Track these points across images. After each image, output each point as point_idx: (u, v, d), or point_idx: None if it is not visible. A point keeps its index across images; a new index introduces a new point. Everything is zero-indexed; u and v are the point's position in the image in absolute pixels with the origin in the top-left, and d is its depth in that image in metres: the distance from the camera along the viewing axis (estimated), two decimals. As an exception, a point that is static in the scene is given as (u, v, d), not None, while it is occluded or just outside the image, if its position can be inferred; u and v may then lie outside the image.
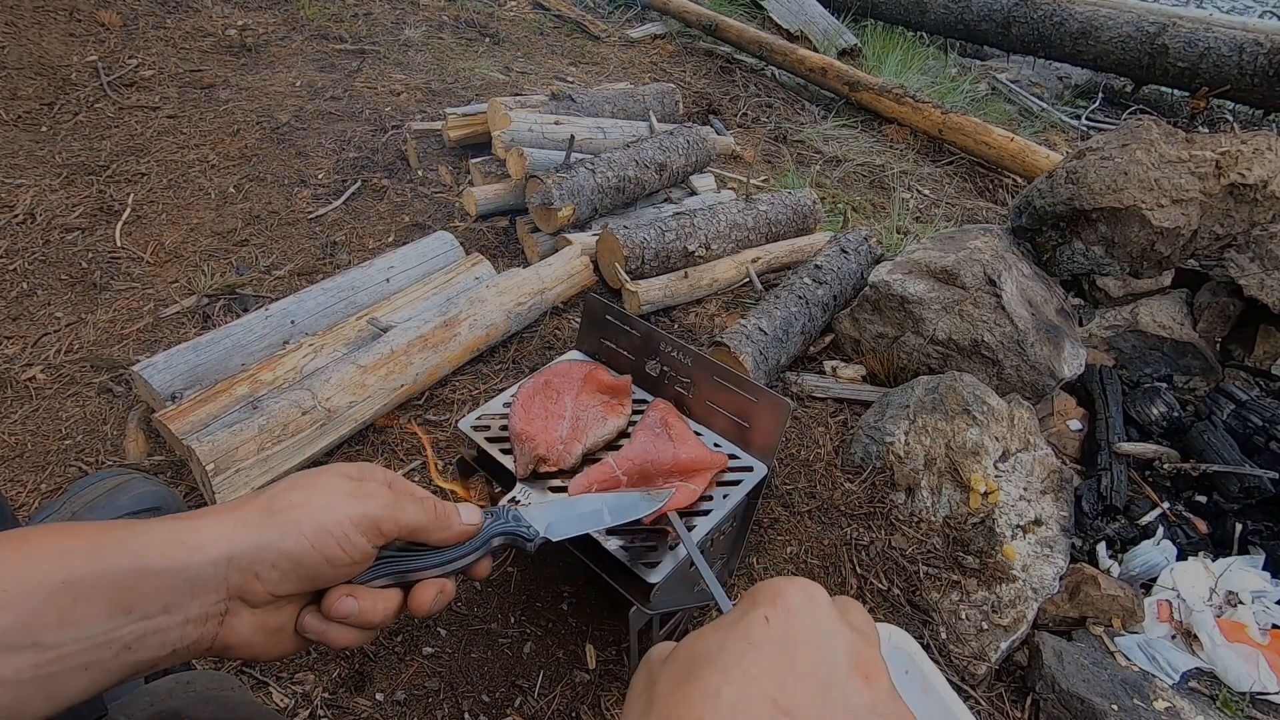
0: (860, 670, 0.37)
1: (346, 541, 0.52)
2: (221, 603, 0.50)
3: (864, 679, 0.37)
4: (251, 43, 3.02)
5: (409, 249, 1.91)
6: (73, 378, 1.64)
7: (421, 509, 0.58)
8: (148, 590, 0.46)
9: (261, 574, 0.50)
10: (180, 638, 0.48)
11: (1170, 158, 1.72)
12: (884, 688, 0.37)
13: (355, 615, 0.55)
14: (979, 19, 4.36)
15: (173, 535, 0.48)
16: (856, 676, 0.37)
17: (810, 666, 0.36)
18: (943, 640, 1.28)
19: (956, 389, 1.51)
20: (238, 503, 0.53)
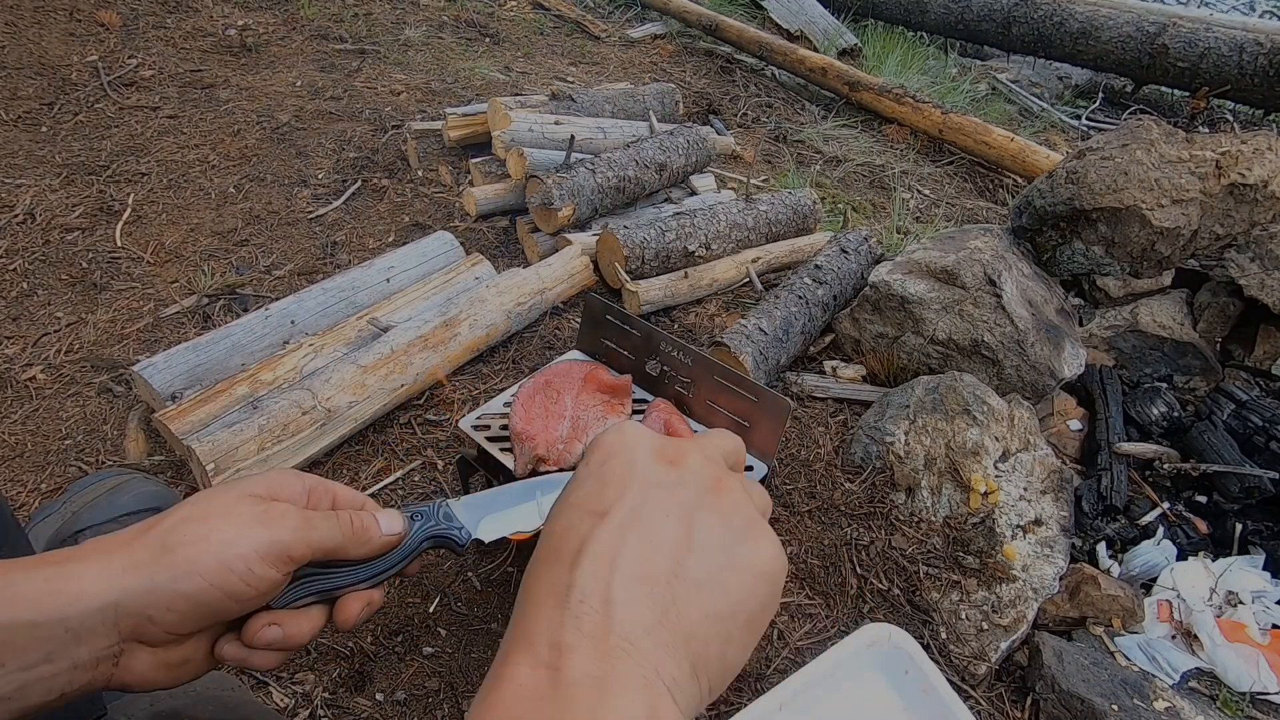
0: (664, 458, 0.43)
1: (251, 576, 0.49)
2: (113, 646, 0.47)
3: (668, 463, 0.42)
4: (251, 43, 3.02)
5: (409, 249, 1.91)
6: (73, 378, 1.64)
7: (336, 526, 0.55)
8: (24, 642, 0.43)
9: (156, 617, 0.47)
10: (68, 682, 0.46)
11: (1170, 158, 1.72)
12: (690, 465, 0.42)
13: (280, 641, 0.53)
14: (979, 19, 4.36)
15: (49, 585, 0.45)
16: (660, 463, 0.42)
17: (617, 473, 0.42)
18: (943, 640, 1.28)
19: (956, 389, 1.51)
20: (127, 538, 0.50)
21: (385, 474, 1.49)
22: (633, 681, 0.34)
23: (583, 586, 0.36)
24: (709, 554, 0.40)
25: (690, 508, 0.41)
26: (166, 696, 0.89)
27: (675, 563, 0.38)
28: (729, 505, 0.42)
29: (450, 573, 1.34)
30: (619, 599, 0.36)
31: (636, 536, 0.39)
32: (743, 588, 0.40)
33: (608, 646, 0.34)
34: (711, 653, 0.38)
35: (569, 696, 0.33)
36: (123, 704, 0.89)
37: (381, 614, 1.27)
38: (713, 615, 0.38)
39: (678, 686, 0.36)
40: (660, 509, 0.40)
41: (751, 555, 0.41)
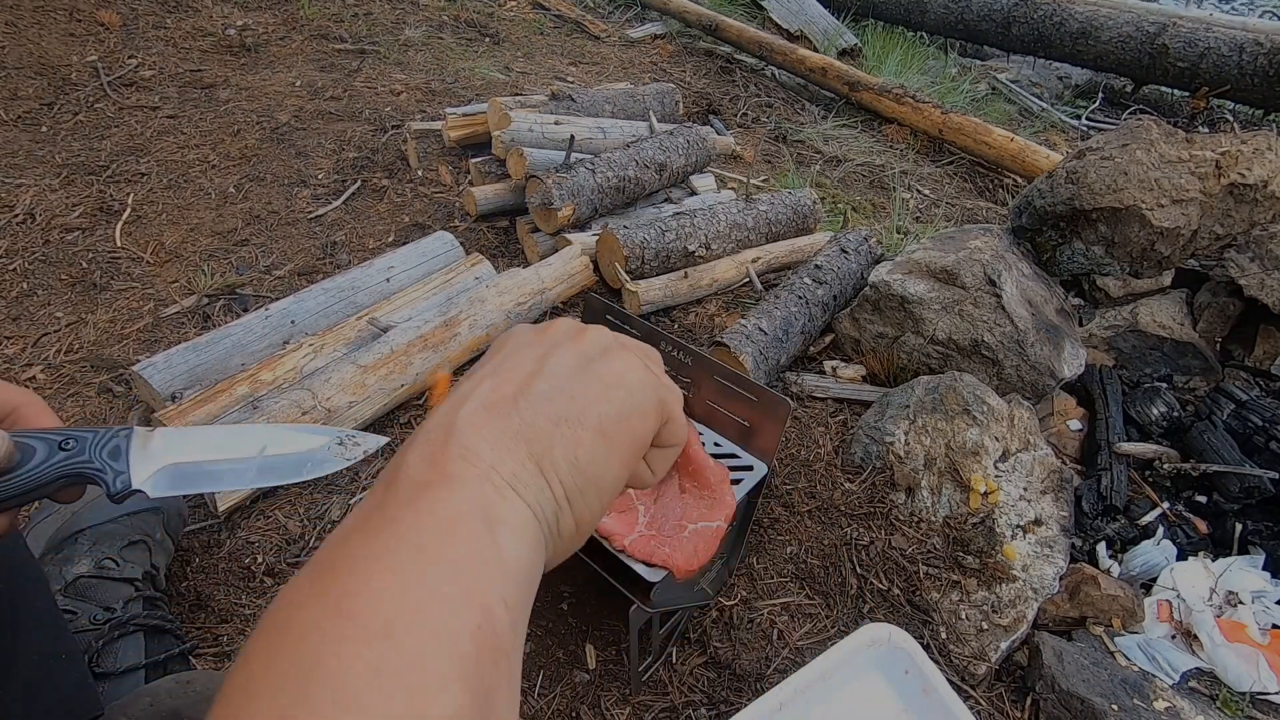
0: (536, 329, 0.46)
1: None
2: None
3: (538, 331, 0.46)
4: (251, 43, 3.02)
5: (409, 249, 1.91)
6: (73, 378, 1.64)
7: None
8: None
9: None
10: None
11: (1170, 158, 1.72)
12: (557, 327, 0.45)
13: None
14: (979, 19, 4.36)
15: None
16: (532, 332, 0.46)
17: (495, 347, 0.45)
18: (943, 640, 1.28)
19: (956, 389, 1.51)
20: None
21: (385, 474, 1.49)
22: (463, 479, 0.35)
23: (431, 423, 0.39)
24: (558, 374, 0.41)
25: (548, 348, 0.43)
26: (166, 696, 0.89)
27: (522, 385, 0.40)
28: (588, 340, 0.44)
29: (450, 573, 1.34)
30: (461, 420, 0.38)
31: (491, 379, 0.41)
32: (589, 393, 0.41)
33: (443, 457, 0.36)
34: (558, 454, 0.39)
35: (391, 499, 0.34)
36: (122, 704, 0.90)
37: (381, 614, 1.27)
38: (556, 418, 0.40)
39: (520, 482, 0.37)
40: (518, 356, 0.43)
41: (603, 368, 0.43)
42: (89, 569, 1.11)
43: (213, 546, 1.34)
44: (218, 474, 0.59)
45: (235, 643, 1.20)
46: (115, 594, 1.10)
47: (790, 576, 1.36)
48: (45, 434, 0.54)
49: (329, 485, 1.46)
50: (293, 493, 1.44)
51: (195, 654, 1.17)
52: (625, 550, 0.98)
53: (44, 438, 0.53)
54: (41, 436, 0.53)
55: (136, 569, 1.14)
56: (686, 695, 1.20)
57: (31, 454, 0.52)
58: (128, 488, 0.55)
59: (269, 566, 1.32)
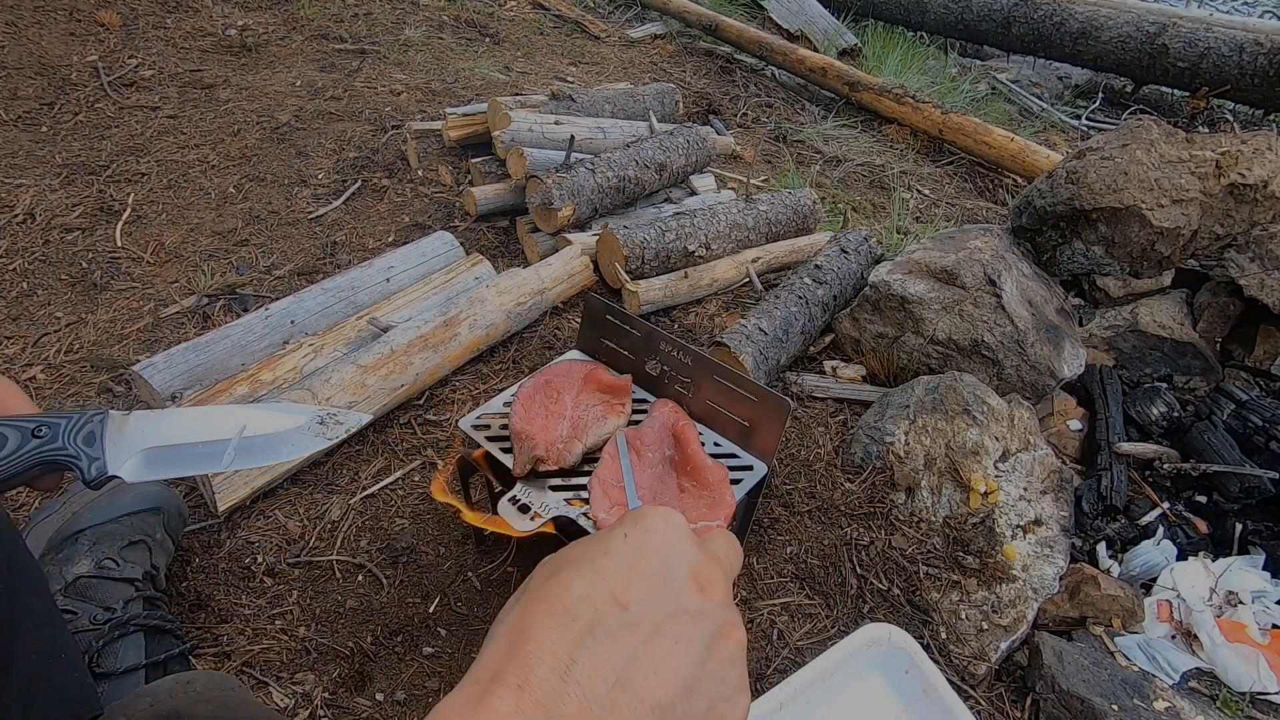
0: (696, 581, 0.43)
1: None
2: None
3: (699, 589, 0.42)
4: (251, 43, 3.02)
5: (409, 249, 1.91)
6: (73, 378, 1.64)
7: None
8: None
9: None
10: None
11: (1170, 158, 1.72)
12: (715, 599, 0.43)
13: None
14: (979, 19, 4.36)
15: None
16: (692, 585, 0.42)
17: (651, 572, 0.41)
18: (943, 640, 1.28)
19: (956, 389, 1.51)
20: None
21: (385, 474, 1.49)
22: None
23: (584, 670, 0.37)
24: (697, 701, 0.40)
25: (699, 646, 0.41)
26: (166, 697, 0.89)
27: (666, 696, 0.39)
28: (729, 656, 0.42)
29: (450, 573, 1.34)
30: (610, 704, 0.37)
31: (645, 650, 0.39)
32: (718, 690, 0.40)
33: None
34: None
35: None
36: (122, 704, 0.89)
37: (381, 614, 1.27)
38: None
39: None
40: (674, 634, 0.40)
41: (728, 713, 0.41)
42: (89, 569, 1.11)
43: (213, 546, 1.34)
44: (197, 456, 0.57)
45: (235, 643, 1.21)
46: (115, 594, 1.10)
47: (790, 576, 1.36)
48: (17, 421, 0.52)
49: (329, 485, 1.46)
50: (293, 493, 1.44)
51: (195, 654, 1.17)
52: None
53: (15, 425, 0.51)
54: (12, 424, 0.51)
55: (136, 569, 1.14)
56: (686, 695, 1.20)
57: (3, 442, 0.50)
58: (103, 474, 0.53)
59: (269, 566, 1.32)
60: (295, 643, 1.22)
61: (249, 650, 1.20)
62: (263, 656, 1.20)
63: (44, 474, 0.52)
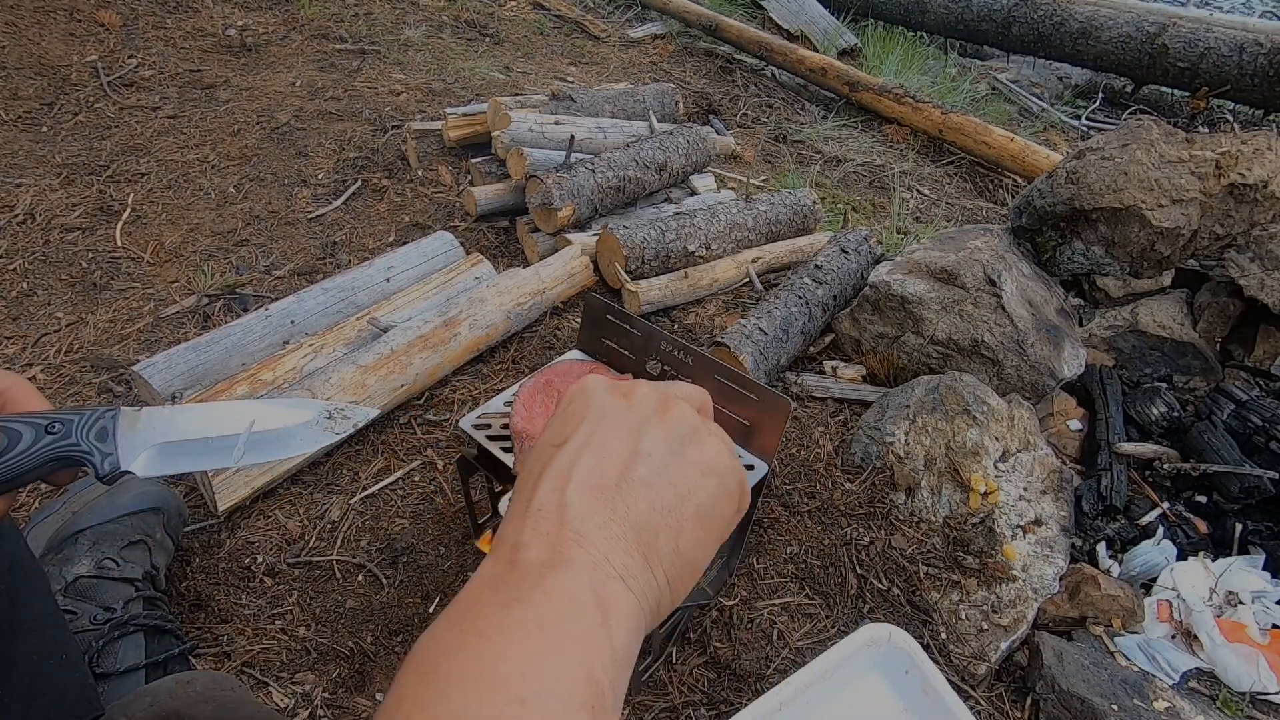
0: (617, 393, 0.47)
1: None
2: None
3: (621, 396, 0.47)
4: (251, 43, 3.02)
5: (409, 249, 1.91)
6: (73, 378, 1.64)
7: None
8: None
9: None
10: None
11: (1170, 158, 1.72)
12: (640, 394, 0.47)
13: None
14: (979, 19, 4.36)
15: None
16: (614, 396, 0.47)
17: (576, 409, 0.47)
18: (943, 640, 1.28)
19: (956, 389, 1.51)
20: None
21: (385, 474, 1.49)
22: (580, 563, 0.38)
23: (540, 498, 0.41)
24: (655, 458, 0.44)
25: (639, 425, 0.45)
26: (166, 697, 0.89)
27: (624, 468, 0.43)
28: (674, 419, 0.46)
29: (450, 573, 1.34)
30: (571, 502, 0.40)
31: (590, 453, 0.43)
32: (688, 481, 0.44)
33: (560, 539, 0.39)
34: (662, 544, 0.42)
35: (519, 576, 0.37)
36: (122, 704, 0.90)
37: (381, 614, 1.27)
38: (659, 508, 0.42)
39: (629, 574, 0.39)
40: (611, 430, 0.44)
41: (695, 453, 0.45)
42: (89, 569, 1.11)
43: (213, 546, 1.34)
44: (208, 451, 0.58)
45: (235, 642, 1.21)
46: (115, 594, 1.10)
47: (790, 576, 1.36)
48: (31, 418, 0.53)
49: (329, 485, 1.46)
50: (293, 493, 1.44)
51: (195, 654, 1.17)
52: None
53: (30, 421, 0.52)
54: (27, 420, 0.52)
55: (136, 569, 1.14)
56: (686, 695, 1.20)
57: (17, 439, 0.51)
58: (116, 469, 0.54)
59: (269, 566, 1.32)
60: (295, 643, 1.22)
61: (249, 650, 1.20)
62: (263, 656, 1.20)
63: (58, 469, 0.53)
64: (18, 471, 0.51)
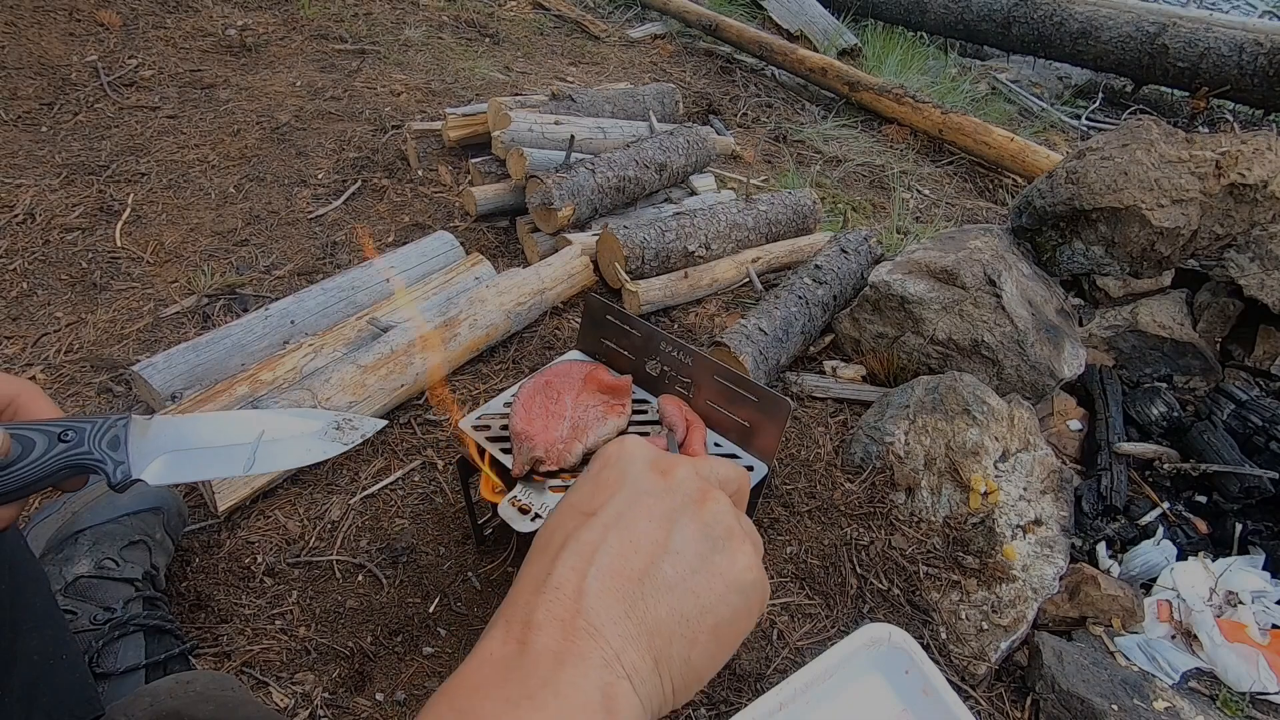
0: (656, 469, 0.45)
1: None
2: None
3: (660, 474, 0.45)
4: (251, 43, 3.02)
5: (409, 249, 1.91)
6: (73, 378, 1.64)
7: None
8: None
9: None
10: None
11: (1170, 158, 1.72)
12: (679, 476, 0.45)
13: None
14: (979, 19, 4.36)
15: None
16: (652, 475, 0.45)
17: (611, 481, 0.45)
18: (943, 640, 1.28)
19: (956, 389, 1.51)
20: None
21: (385, 474, 1.49)
22: (591, 660, 0.36)
23: (559, 575, 0.39)
24: (683, 558, 0.42)
25: (673, 515, 0.43)
26: (166, 697, 0.89)
27: (650, 562, 0.41)
28: (710, 515, 0.44)
29: (450, 573, 1.34)
30: (590, 589, 0.39)
31: (617, 536, 0.41)
32: (712, 593, 0.42)
33: (573, 628, 0.37)
34: (675, 651, 0.40)
35: (528, 664, 0.36)
36: (122, 704, 0.90)
37: (381, 614, 1.27)
38: (679, 616, 0.40)
39: (638, 676, 0.38)
40: (644, 513, 0.42)
41: (725, 564, 0.43)
42: (89, 569, 1.11)
43: (213, 546, 1.34)
44: (217, 460, 0.59)
45: (235, 642, 1.21)
46: (115, 594, 1.10)
47: (790, 576, 1.36)
48: (44, 425, 0.54)
49: (329, 485, 1.46)
50: (292, 493, 1.44)
51: (195, 654, 1.17)
52: None
53: (43, 429, 0.53)
54: (40, 428, 0.53)
55: (136, 569, 1.14)
56: (686, 695, 1.20)
57: (31, 446, 0.52)
58: (128, 477, 0.55)
59: (269, 566, 1.32)
60: (295, 643, 1.22)
61: (249, 650, 1.20)
62: (263, 656, 1.20)
63: (70, 476, 0.54)
64: (32, 479, 0.52)
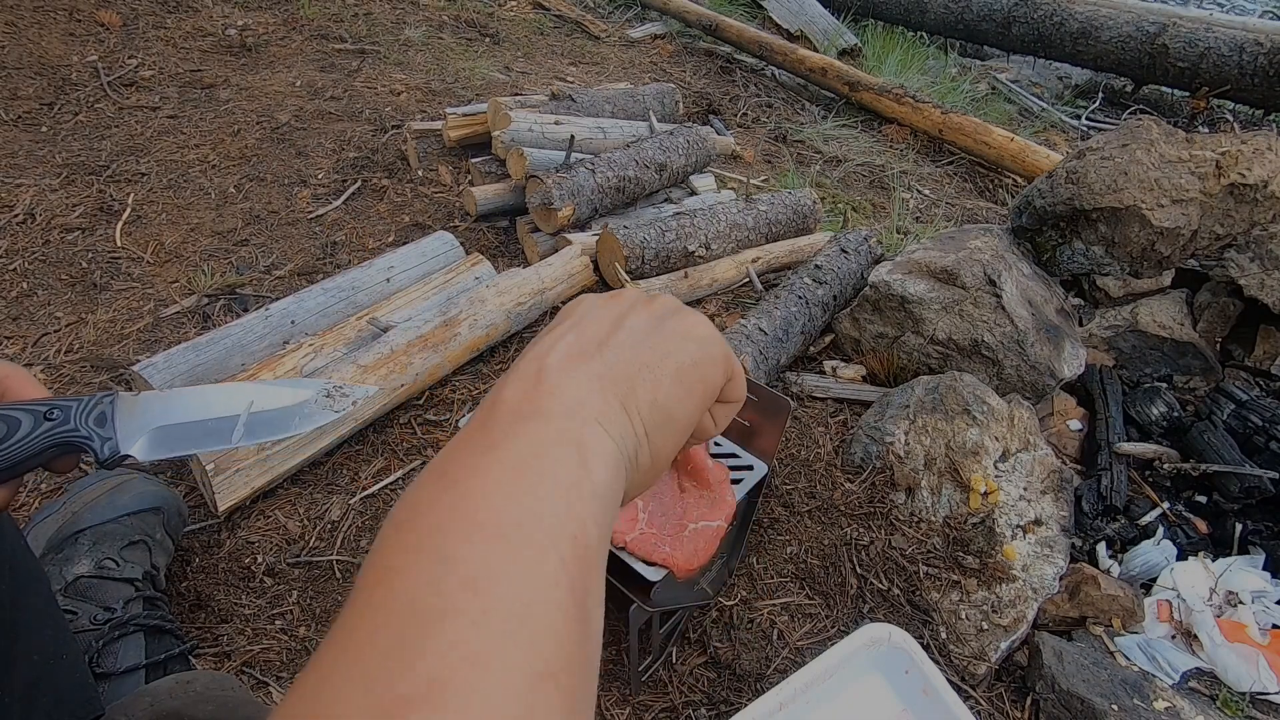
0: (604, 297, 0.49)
1: None
2: None
3: (609, 297, 0.49)
4: (251, 43, 3.02)
5: (409, 249, 1.91)
6: (73, 378, 1.64)
7: None
8: None
9: None
10: None
11: (1170, 158, 1.72)
12: (626, 295, 0.49)
13: None
14: (979, 19, 4.36)
15: None
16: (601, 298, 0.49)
17: (564, 313, 0.48)
18: (943, 640, 1.28)
19: (956, 389, 1.51)
20: None
21: (385, 474, 1.49)
22: (554, 412, 0.39)
23: (521, 366, 0.42)
24: (636, 329, 0.46)
25: (622, 310, 0.47)
26: (166, 696, 0.89)
27: (604, 337, 0.44)
28: (658, 303, 0.48)
29: (450, 573, 1.34)
30: (550, 366, 0.42)
31: (573, 333, 0.45)
32: (667, 342, 0.45)
33: (536, 393, 0.40)
34: (641, 394, 0.43)
35: (493, 424, 0.38)
36: (123, 704, 0.90)
37: (381, 614, 1.27)
38: (637, 364, 0.44)
39: (606, 419, 0.40)
40: (594, 316, 0.46)
41: (676, 322, 0.47)
42: (89, 569, 1.11)
43: (213, 546, 1.34)
44: (206, 433, 0.58)
45: (235, 642, 1.21)
46: (115, 594, 1.10)
47: (790, 576, 1.36)
48: (30, 405, 0.54)
49: (329, 485, 1.46)
50: (293, 493, 1.44)
51: (195, 654, 1.17)
52: (626, 548, 0.98)
53: (28, 409, 0.53)
54: (26, 408, 0.53)
55: (136, 569, 1.14)
56: (686, 695, 1.20)
57: (16, 426, 0.52)
58: (116, 453, 0.54)
59: (269, 566, 1.32)
60: (295, 643, 1.22)
61: (249, 650, 1.20)
62: (263, 656, 1.20)
63: (59, 456, 0.54)
64: (19, 458, 0.52)
